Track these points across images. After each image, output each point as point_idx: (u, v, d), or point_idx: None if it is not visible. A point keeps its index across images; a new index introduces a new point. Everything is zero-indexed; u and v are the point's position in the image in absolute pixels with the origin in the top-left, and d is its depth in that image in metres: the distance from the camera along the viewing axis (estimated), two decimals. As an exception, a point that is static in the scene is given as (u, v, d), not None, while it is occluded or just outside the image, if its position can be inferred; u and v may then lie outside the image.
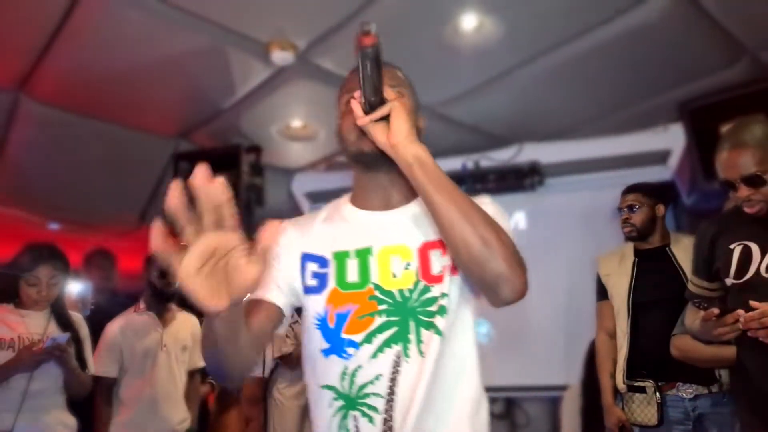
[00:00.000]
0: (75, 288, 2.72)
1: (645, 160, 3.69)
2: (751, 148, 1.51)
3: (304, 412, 3.54)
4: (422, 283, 1.01)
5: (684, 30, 2.78)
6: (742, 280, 1.59)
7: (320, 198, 4.46)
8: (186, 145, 3.99)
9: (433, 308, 0.99)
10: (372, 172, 1.07)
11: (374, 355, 0.98)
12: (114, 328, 2.57)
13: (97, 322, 2.60)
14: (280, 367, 3.52)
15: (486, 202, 1.04)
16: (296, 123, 3.77)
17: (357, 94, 1.00)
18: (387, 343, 0.98)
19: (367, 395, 0.98)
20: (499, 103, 3.48)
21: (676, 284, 2.21)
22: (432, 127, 3.86)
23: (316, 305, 1.05)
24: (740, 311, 1.44)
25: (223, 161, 3.89)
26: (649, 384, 2.23)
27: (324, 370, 1.02)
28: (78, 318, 2.47)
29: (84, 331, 2.45)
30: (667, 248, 2.40)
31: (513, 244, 0.92)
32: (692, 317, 1.72)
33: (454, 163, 4.09)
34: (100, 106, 3.44)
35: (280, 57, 2.86)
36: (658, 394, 2.20)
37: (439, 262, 1.02)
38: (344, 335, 1.00)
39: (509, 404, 3.95)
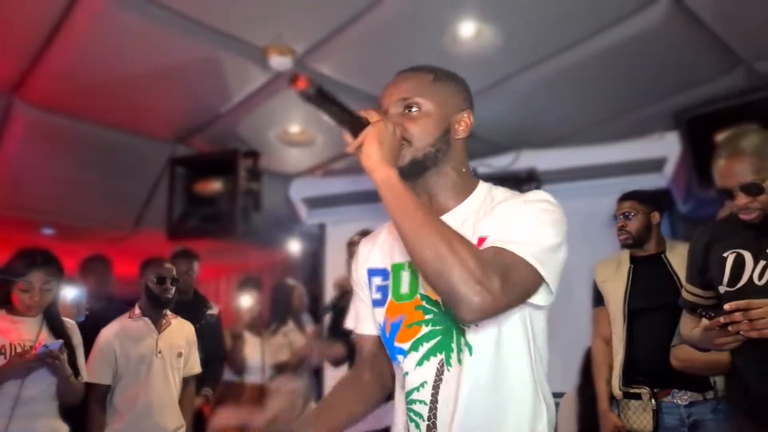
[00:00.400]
0: (69, 293, 2.70)
1: (641, 168, 3.71)
2: (748, 157, 1.52)
3: (305, 398, 3.51)
4: None
5: (680, 39, 2.80)
6: (734, 288, 1.59)
7: (318, 203, 4.45)
8: (183, 150, 3.98)
9: None
10: (412, 182, 1.06)
11: (420, 363, 1.02)
12: (108, 333, 2.54)
13: (93, 327, 2.57)
14: (277, 373, 3.50)
15: (518, 197, 1.05)
16: (294, 128, 3.77)
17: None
18: (432, 352, 1.01)
19: (413, 401, 1.03)
20: (497, 110, 3.49)
21: (672, 291, 2.22)
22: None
23: (379, 317, 1.11)
24: (728, 305, 1.44)
25: (221, 166, 3.89)
26: (644, 390, 2.23)
27: (396, 376, 1.11)
28: (71, 324, 2.44)
29: (77, 338, 2.42)
30: (663, 255, 2.41)
31: (479, 262, 0.88)
32: (690, 325, 1.72)
33: (451, 170, 4.10)
34: (96, 110, 3.44)
35: (278, 62, 2.87)
36: (653, 400, 2.21)
37: None
38: (396, 344, 1.05)
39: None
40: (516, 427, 1.00)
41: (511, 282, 0.90)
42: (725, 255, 1.63)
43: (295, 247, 5.01)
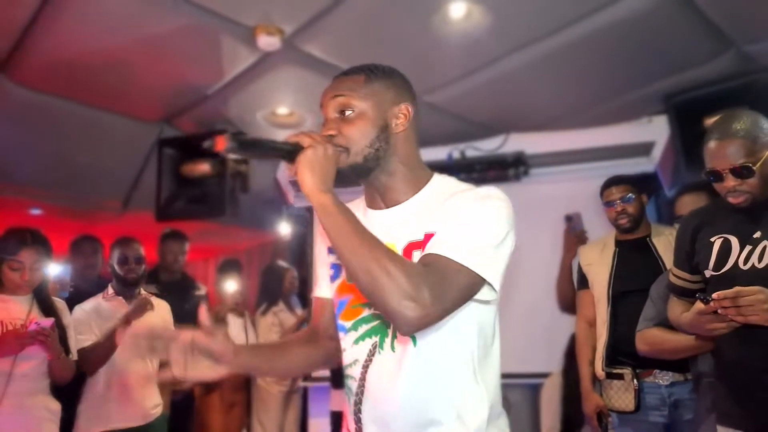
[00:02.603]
0: (54, 270, 2.70)
1: (629, 152, 3.73)
2: (739, 139, 1.52)
3: (287, 398, 3.57)
4: None
5: (670, 22, 2.79)
6: (720, 272, 1.62)
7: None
8: (170, 131, 3.94)
9: None
10: (362, 180, 1.13)
11: (356, 341, 1.09)
12: (83, 308, 2.56)
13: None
14: None
15: (467, 192, 1.07)
16: (282, 110, 3.74)
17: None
18: (368, 334, 1.08)
19: (347, 376, 1.11)
20: (485, 93, 3.48)
21: (656, 275, 2.25)
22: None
23: (332, 291, 1.19)
24: (716, 294, 1.46)
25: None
26: (627, 371, 2.28)
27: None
28: (61, 304, 2.45)
29: (67, 317, 2.43)
30: (648, 239, 2.44)
31: (411, 278, 0.91)
32: (677, 310, 1.74)
33: (440, 153, 4.09)
34: (83, 90, 3.39)
35: (267, 42, 2.83)
36: (635, 381, 2.25)
37: None
38: (340, 320, 1.13)
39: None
40: (446, 411, 1.04)
41: (445, 292, 0.94)
42: (712, 240, 1.65)
43: (283, 229, 5.00)
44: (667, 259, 2.24)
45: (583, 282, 2.56)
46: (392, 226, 1.10)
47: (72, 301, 2.55)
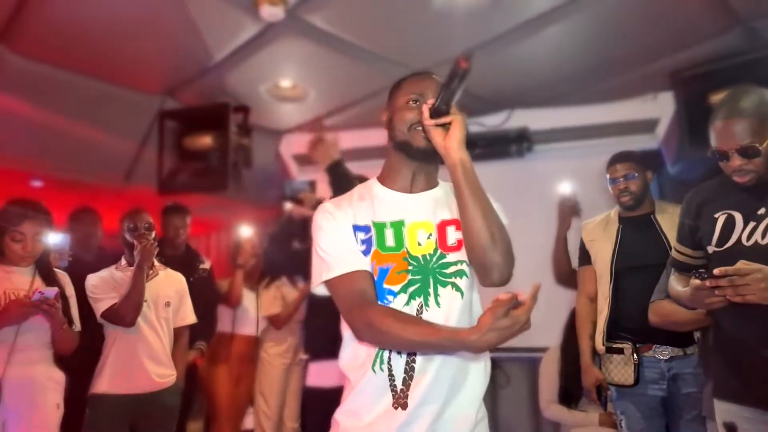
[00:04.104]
0: (53, 239, 2.71)
1: (633, 129, 3.71)
2: (746, 118, 1.51)
3: (289, 371, 3.61)
4: (440, 251, 1.30)
5: (678, -3, 2.75)
6: (723, 248, 1.62)
7: (308, 160, 4.42)
8: (172, 104, 3.91)
9: (449, 270, 1.28)
10: (410, 161, 1.34)
11: (407, 303, 1.26)
12: (99, 275, 2.59)
13: (80, 278, 2.58)
14: (268, 327, 3.56)
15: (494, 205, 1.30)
16: (285, 83, 3.70)
17: (430, 101, 1.27)
18: (413, 295, 1.26)
19: None
20: (491, 68, 3.45)
21: (660, 251, 2.26)
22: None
23: (367, 263, 1.31)
24: (716, 270, 1.47)
25: (211, 121, 3.83)
26: (627, 346, 2.30)
27: None
28: (63, 275, 2.47)
29: (70, 288, 2.45)
30: (652, 216, 2.44)
31: (509, 241, 1.21)
32: (680, 285, 1.75)
33: (444, 128, 4.07)
34: (83, 61, 3.35)
35: (270, 12, 2.79)
36: (635, 355, 2.28)
37: (453, 235, 1.31)
38: (386, 285, 1.28)
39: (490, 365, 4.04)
40: (478, 367, 1.31)
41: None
42: (716, 216, 1.65)
43: (286, 203, 4.99)
44: (671, 236, 2.24)
45: (586, 258, 2.57)
46: (425, 206, 1.34)
47: (71, 272, 2.55)
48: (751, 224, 1.58)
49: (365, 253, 1.30)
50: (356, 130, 4.15)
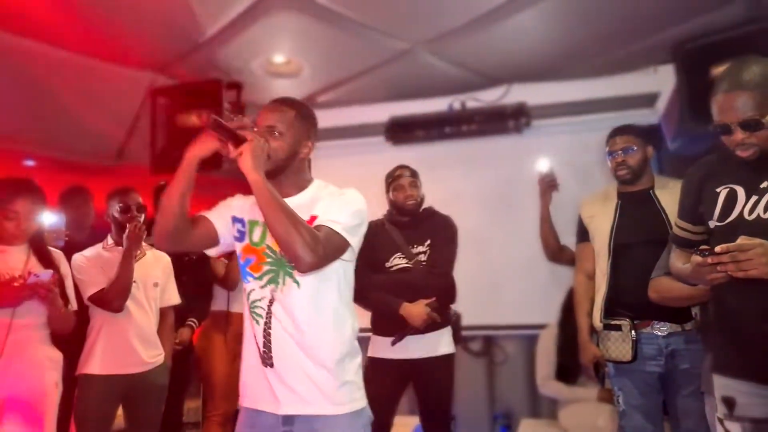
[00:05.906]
0: (48, 219, 2.68)
1: (632, 103, 3.66)
2: (749, 91, 1.48)
3: None
4: None
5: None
6: (725, 223, 1.60)
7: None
8: (163, 81, 3.84)
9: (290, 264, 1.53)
10: (271, 179, 1.53)
11: (264, 286, 1.58)
12: (85, 255, 2.57)
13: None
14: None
15: (338, 193, 1.60)
16: (279, 58, 3.63)
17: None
18: (269, 282, 1.58)
19: (256, 306, 1.59)
20: (488, 42, 3.39)
21: (659, 227, 2.24)
22: (419, 65, 3.77)
23: (237, 248, 1.66)
24: (718, 248, 1.44)
25: (203, 98, 3.76)
26: (625, 322, 2.29)
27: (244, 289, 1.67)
28: (58, 254, 2.45)
29: (65, 266, 2.43)
30: (651, 191, 2.41)
31: (312, 238, 1.42)
32: (680, 261, 1.73)
33: (441, 104, 4.01)
34: (72, 37, 3.27)
35: (262, -15, 2.72)
36: (633, 331, 2.27)
37: None
38: (248, 270, 1.61)
39: (487, 342, 4.06)
40: (324, 332, 1.55)
41: (329, 247, 1.47)
42: (718, 190, 1.63)
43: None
44: (670, 211, 2.22)
45: (584, 235, 2.54)
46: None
47: (66, 252, 2.53)
48: (754, 198, 1.56)
49: (239, 240, 1.64)
50: (353, 106, 4.10)
